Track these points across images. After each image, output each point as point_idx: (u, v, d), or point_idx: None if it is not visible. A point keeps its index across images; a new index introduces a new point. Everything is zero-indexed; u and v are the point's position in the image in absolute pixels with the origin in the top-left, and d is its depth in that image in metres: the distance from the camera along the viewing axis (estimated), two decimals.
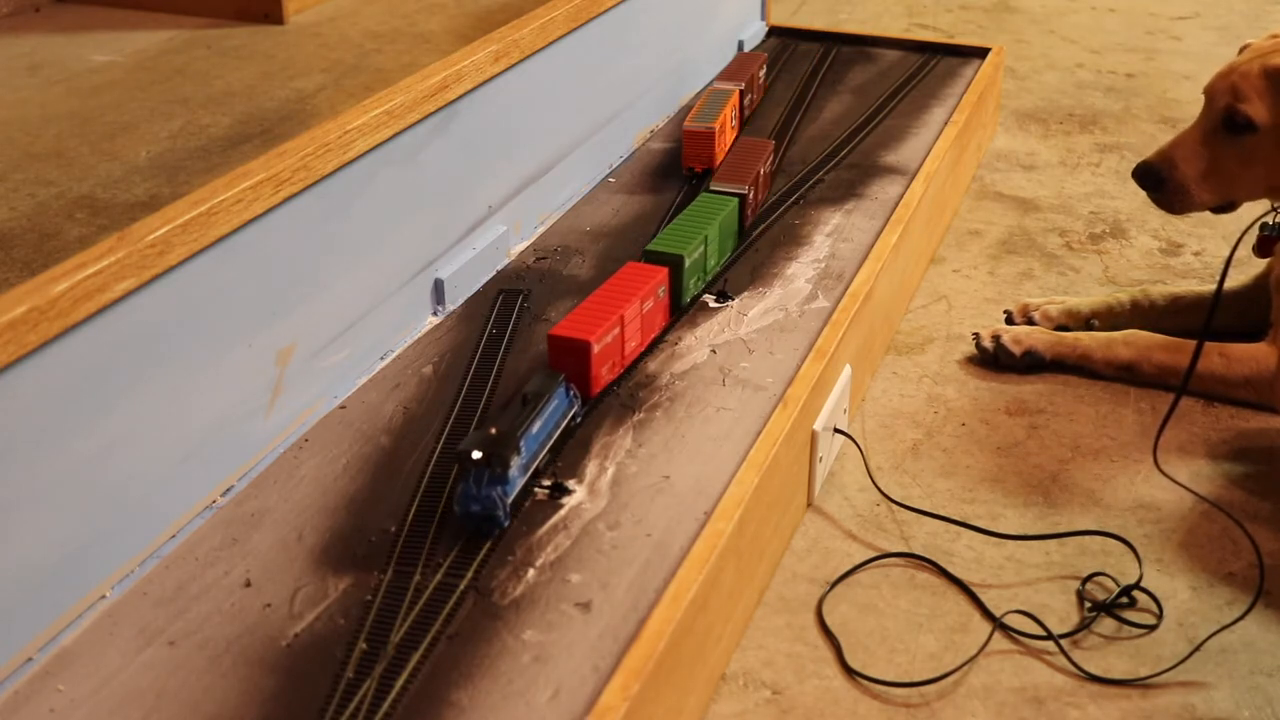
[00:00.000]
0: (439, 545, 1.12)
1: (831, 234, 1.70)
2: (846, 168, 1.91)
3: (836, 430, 1.42)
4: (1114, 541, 1.33)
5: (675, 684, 1.03)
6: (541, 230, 1.73)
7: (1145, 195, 1.58)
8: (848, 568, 1.29)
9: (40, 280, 0.98)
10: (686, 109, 2.15)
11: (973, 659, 1.17)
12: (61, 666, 1.00)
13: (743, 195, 1.66)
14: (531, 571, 1.10)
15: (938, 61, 2.37)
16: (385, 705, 0.96)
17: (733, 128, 1.96)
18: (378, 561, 1.11)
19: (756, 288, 1.57)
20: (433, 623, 1.03)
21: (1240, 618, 1.21)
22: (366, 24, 1.89)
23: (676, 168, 1.91)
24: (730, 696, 1.13)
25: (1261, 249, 1.59)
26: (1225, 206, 1.55)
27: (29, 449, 0.99)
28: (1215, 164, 1.51)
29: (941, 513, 1.36)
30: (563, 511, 1.17)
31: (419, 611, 1.05)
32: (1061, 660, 1.17)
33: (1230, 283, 1.66)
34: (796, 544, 1.32)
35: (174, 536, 1.14)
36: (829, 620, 1.22)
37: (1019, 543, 1.33)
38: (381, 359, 1.42)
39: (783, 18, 2.92)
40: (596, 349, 1.30)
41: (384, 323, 1.42)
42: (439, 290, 1.51)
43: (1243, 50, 1.57)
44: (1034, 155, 2.33)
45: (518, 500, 1.16)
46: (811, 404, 1.33)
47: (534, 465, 1.19)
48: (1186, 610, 1.24)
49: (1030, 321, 1.70)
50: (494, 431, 1.15)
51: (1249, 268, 1.72)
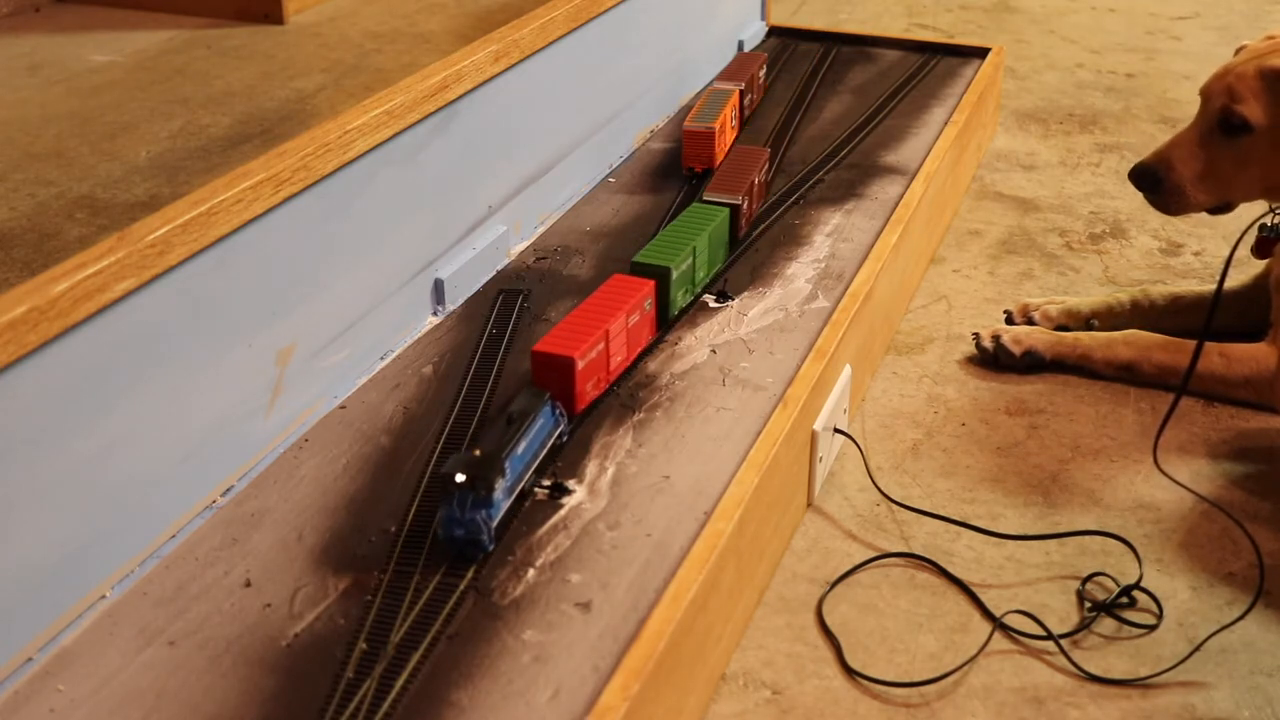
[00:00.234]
0: (439, 545, 1.12)
1: (831, 234, 1.70)
2: (846, 168, 1.91)
3: (836, 430, 1.42)
4: (1114, 541, 1.33)
5: (675, 684, 1.03)
6: (541, 230, 1.73)
7: (1138, 195, 1.58)
8: (848, 568, 1.29)
9: (40, 280, 0.98)
10: (686, 109, 2.15)
11: (973, 659, 1.17)
12: (61, 666, 1.00)
13: (735, 206, 1.64)
14: (531, 571, 1.10)
15: (938, 61, 2.37)
16: (385, 705, 0.96)
17: (733, 128, 1.96)
18: (378, 561, 1.11)
19: (756, 288, 1.57)
20: (433, 623, 1.04)
21: (1240, 618, 1.21)
22: (366, 24, 1.89)
23: (676, 168, 1.91)
24: (730, 696, 1.13)
25: (1260, 250, 1.59)
26: (1221, 208, 1.56)
27: (29, 449, 0.99)
28: (1211, 165, 1.51)
29: (941, 513, 1.36)
30: (563, 511, 1.17)
31: (419, 611, 1.05)
32: (1061, 660, 1.17)
33: (1230, 283, 1.66)
34: (796, 544, 1.32)
35: (174, 536, 1.14)
36: (829, 620, 1.22)
37: (1019, 543, 1.33)
38: (381, 359, 1.42)
39: (783, 18, 2.92)
40: (581, 365, 1.27)
41: (384, 323, 1.42)
42: (439, 290, 1.51)
43: (1239, 51, 1.57)
44: (1034, 155, 2.33)
45: (502, 523, 1.13)
46: (811, 404, 1.33)
47: (519, 487, 1.16)
48: (1186, 610, 1.24)
49: (1030, 321, 1.70)
50: (478, 453, 1.11)
51: (1250, 268, 1.72)
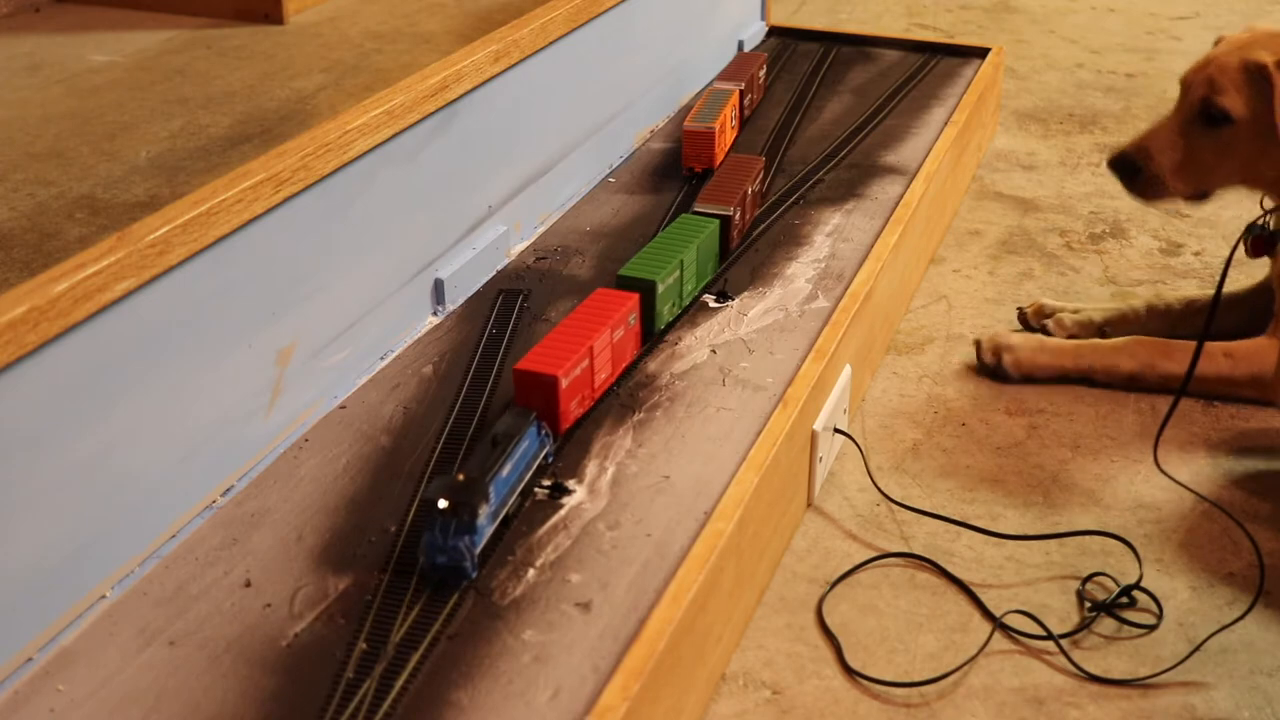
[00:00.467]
0: None
1: (831, 234, 1.70)
2: (846, 168, 1.91)
3: (836, 430, 1.42)
4: (1114, 541, 1.33)
5: (675, 684, 1.03)
6: (541, 230, 1.72)
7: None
8: (848, 568, 1.29)
9: (40, 280, 0.98)
10: (686, 109, 2.15)
11: (973, 659, 1.17)
12: (61, 666, 1.00)
13: (726, 217, 1.60)
14: (531, 571, 1.10)
15: (938, 61, 2.37)
16: (385, 705, 0.96)
17: (733, 128, 1.96)
18: (378, 561, 1.11)
19: (756, 288, 1.57)
20: (433, 623, 1.03)
21: (1240, 618, 1.21)
22: (366, 24, 1.89)
23: (676, 168, 1.91)
24: (730, 696, 1.13)
25: (1254, 250, 1.59)
26: (1199, 196, 1.54)
27: (29, 449, 0.99)
28: (1190, 155, 1.50)
29: (941, 513, 1.36)
30: (563, 511, 1.17)
31: (419, 611, 1.05)
32: (1061, 660, 1.17)
33: (1236, 285, 1.66)
34: (796, 544, 1.32)
35: (174, 536, 1.14)
36: (829, 620, 1.22)
37: (1019, 543, 1.33)
38: (381, 359, 1.42)
39: (783, 18, 2.92)
40: (565, 383, 1.23)
41: (384, 323, 1.42)
42: (439, 290, 1.51)
43: (1218, 42, 1.56)
44: (1034, 155, 2.33)
45: (486, 550, 1.10)
46: (811, 404, 1.33)
47: (504, 511, 1.13)
48: (1186, 610, 1.24)
49: (1044, 329, 1.69)
50: (461, 478, 1.08)
51: (1250, 268, 1.72)
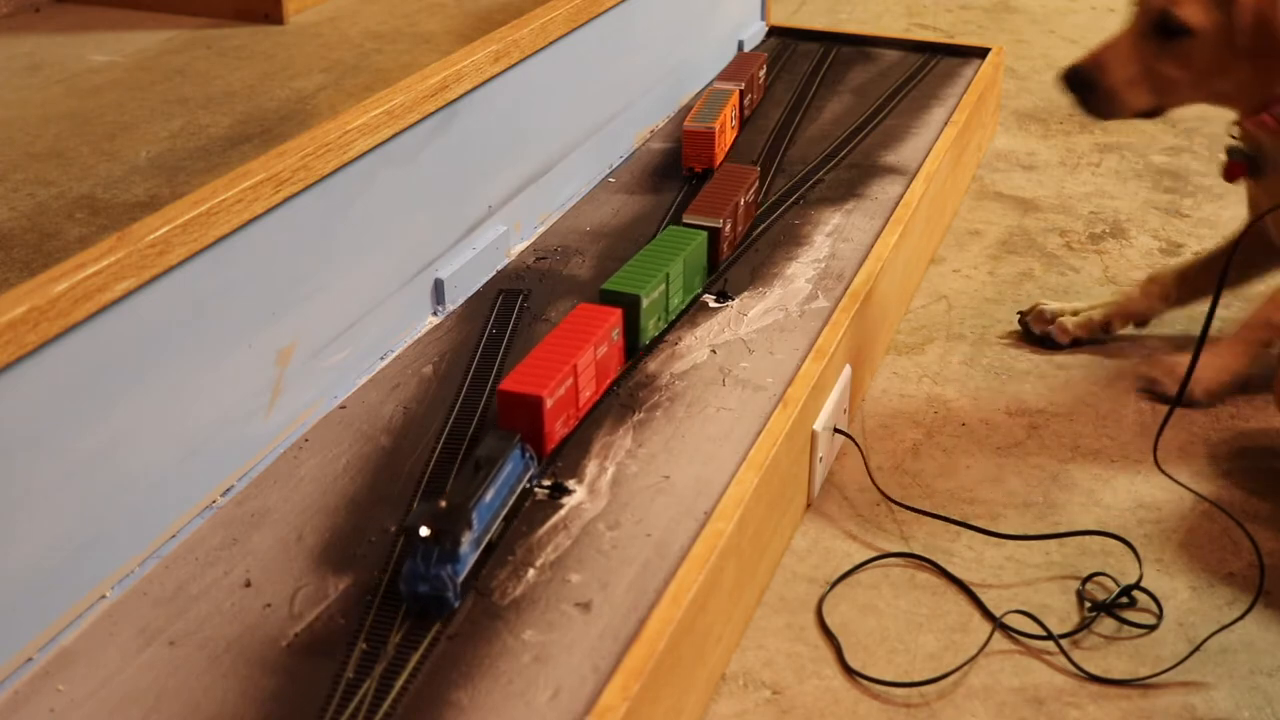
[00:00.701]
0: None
1: (831, 234, 1.70)
2: (846, 168, 1.91)
3: (836, 430, 1.42)
4: (1114, 541, 1.33)
5: (675, 684, 1.03)
6: (541, 230, 1.72)
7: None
8: (848, 568, 1.29)
9: (40, 280, 0.98)
10: (686, 109, 2.15)
11: (973, 659, 1.17)
12: (61, 666, 1.00)
13: (715, 229, 1.57)
14: (531, 571, 1.10)
15: (938, 61, 2.37)
16: (385, 705, 0.96)
17: (733, 128, 1.96)
18: (378, 561, 1.11)
19: (756, 288, 1.57)
20: (433, 622, 1.03)
21: (1240, 618, 1.21)
22: (366, 24, 1.89)
23: (676, 168, 1.91)
24: (730, 696, 1.13)
25: (1229, 174, 1.56)
26: (1153, 112, 1.52)
27: (29, 449, 0.99)
28: (1147, 69, 1.47)
29: (941, 513, 1.36)
30: (563, 511, 1.17)
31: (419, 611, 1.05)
32: (1061, 660, 1.17)
33: (1211, 243, 1.63)
34: (796, 544, 1.32)
35: (174, 536, 1.14)
36: (829, 620, 1.22)
37: (1019, 543, 1.33)
38: (381, 359, 1.42)
39: (783, 18, 2.92)
40: (549, 403, 1.21)
41: (384, 323, 1.42)
42: (439, 290, 1.51)
43: None
44: (1034, 155, 2.33)
45: (469, 578, 1.07)
46: (811, 404, 1.33)
47: (487, 538, 1.10)
48: (1186, 610, 1.24)
49: (1048, 335, 1.68)
50: (443, 504, 1.05)
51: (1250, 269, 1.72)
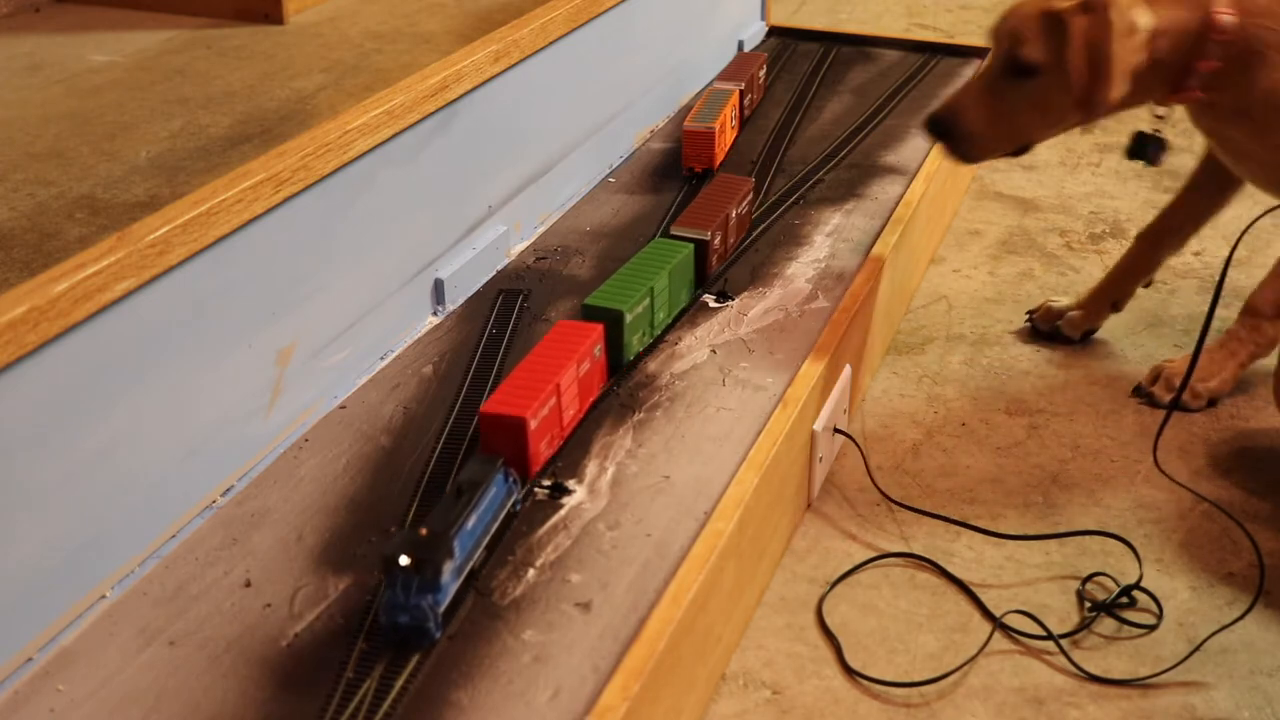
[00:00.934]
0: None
1: (831, 234, 1.70)
2: (846, 168, 1.91)
3: (836, 430, 1.42)
4: (1114, 541, 1.33)
5: (675, 684, 1.03)
6: (541, 230, 1.72)
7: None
8: (848, 568, 1.29)
9: (40, 280, 0.98)
10: (686, 109, 2.15)
11: (973, 659, 1.17)
12: (61, 666, 1.00)
13: (703, 241, 1.54)
14: (531, 571, 1.10)
15: (938, 61, 2.37)
16: (385, 705, 0.96)
17: (733, 128, 1.96)
18: (378, 561, 1.11)
19: (756, 288, 1.57)
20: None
21: (1240, 618, 1.21)
22: (366, 24, 1.88)
23: (676, 168, 1.91)
24: (730, 696, 1.13)
25: (1132, 153, 1.58)
26: (1020, 150, 1.52)
27: (29, 449, 0.99)
28: (1001, 109, 1.47)
29: (941, 513, 1.36)
30: (563, 511, 1.17)
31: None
32: (1061, 660, 1.17)
33: (1236, 283, 1.65)
34: (796, 544, 1.32)
35: (174, 536, 1.14)
36: (829, 620, 1.22)
37: (1019, 543, 1.33)
38: (381, 359, 1.42)
39: (783, 18, 2.92)
40: (533, 425, 1.18)
41: (384, 323, 1.42)
42: (439, 290, 1.51)
43: None
44: (1034, 155, 2.32)
45: (450, 608, 1.04)
46: (811, 404, 1.33)
47: (469, 566, 1.07)
48: (1186, 610, 1.24)
49: (1056, 330, 1.69)
50: (424, 532, 1.03)
51: (1250, 269, 1.72)
